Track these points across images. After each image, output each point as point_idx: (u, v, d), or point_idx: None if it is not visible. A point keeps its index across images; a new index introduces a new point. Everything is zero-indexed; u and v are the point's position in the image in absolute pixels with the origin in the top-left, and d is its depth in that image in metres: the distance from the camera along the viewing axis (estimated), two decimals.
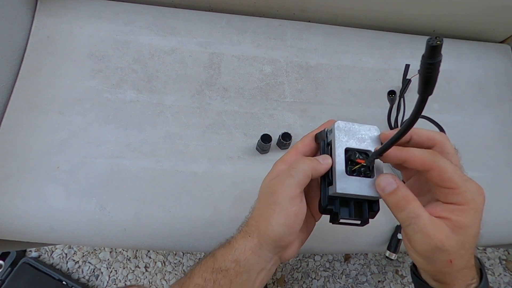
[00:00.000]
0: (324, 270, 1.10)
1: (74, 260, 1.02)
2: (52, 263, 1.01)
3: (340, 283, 1.08)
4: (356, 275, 1.10)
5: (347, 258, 1.12)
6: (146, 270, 1.03)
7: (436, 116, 0.59)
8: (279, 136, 0.55)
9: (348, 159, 0.33)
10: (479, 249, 1.17)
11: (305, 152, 0.36)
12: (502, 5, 0.64)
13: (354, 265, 1.11)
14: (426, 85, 0.22)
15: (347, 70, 0.65)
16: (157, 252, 1.05)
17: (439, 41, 0.20)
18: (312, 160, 0.33)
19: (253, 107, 0.59)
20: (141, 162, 0.53)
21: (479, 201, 0.28)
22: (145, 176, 0.52)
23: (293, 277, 1.08)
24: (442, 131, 0.53)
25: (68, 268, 1.01)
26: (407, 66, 0.63)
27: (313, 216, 0.38)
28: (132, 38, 0.60)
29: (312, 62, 0.64)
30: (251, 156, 0.56)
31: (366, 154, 0.33)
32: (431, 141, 0.31)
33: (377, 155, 0.31)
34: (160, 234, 0.51)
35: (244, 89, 0.60)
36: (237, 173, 0.54)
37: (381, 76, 0.65)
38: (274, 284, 1.07)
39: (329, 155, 0.33)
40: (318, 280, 1.08)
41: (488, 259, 1.16)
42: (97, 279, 1.01)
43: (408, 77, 0.62)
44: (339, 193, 0.31)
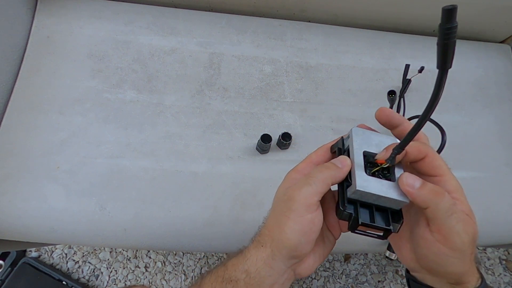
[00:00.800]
0: (324, 270, 1.10)
1: (74, 260, 1.02)
2: (52, 263, 1.01)
3: (340, 283, 1.08)
4: (356, 275, 1.10)
5: (347, 258, 1.12)
6: (146, 270, 1.03)
7: (436, 116, 0.59)
8: (279, 136, 0.55)
9: (367, 162, 0.31)
10: (479, 249, 1.17)
11: (319, 163, 0.35)
12: (502, 5, 0.64)
13: (354, 265, 1.11)
14: (445, 55, 0.22)
15: (347, 70, 0.65)
16: (157, 252, 1.05)
17: (454, 5, 0.21)
18: (330, 168, 0.31)
19: (253, 107, 0.59)
20: (141, 162, 0.53)
21: (462, 189, 0.30)
22: (145, 176, 0.52)
23: None
24: (442, 132, 0.53)
25: (68, 268, 1.01)
26: (407, 66, 0.63)
27: (330, 231, 0.36)
28: (132, 38, 0.60)
29: (312, 62, 0.64)
30: (251, 156, 0.56)
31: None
32: (422, 153, 0.30)
33: (399, 149, 0.29)
34: (160, 234, 0.51)
35: (244, 89, 0.60)
36: (237, 173, 0.54)
37: (381, 76, 0.65)
38: None
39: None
40: (318, 280, 1.08)
41: (488, 259, 1.16)
42: (97, 279, 1.01)
43: (408, 77, 0.62)
44: (360, 192, 0.29)
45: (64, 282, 0.96)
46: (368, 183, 0.30)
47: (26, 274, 0.94)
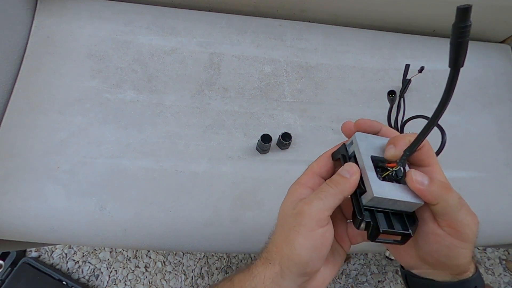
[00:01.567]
0: None
1: (74, 260, 1.02)
2: (52, 263, 1.01)
3: (340, 283, 1.08)
4: (356, 275, 1.10)
5: (347, 258, 1.12)
6: (146, 270, 1.03)
7: None
8: (279, 136, 0.55)
9: (376, 167, 0.30)
10: (479, 249, 1.17)
11: (321, 173, 0.33)
12: (502, 5, 0.64)
13: (354, 265, 1.11)
14: (458, 54, 0.22)
15: (347, 70, 0.65)
16: (157, 252, 1.05)
17: (469, 5, 0.22)
18: (339, 182, 0.29)
19: (253, 107, 0.59)
20: (141, 162, 0.53)
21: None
22: (145, 176, 0.52)
23: None
24: (442, 132, 0.53)
25: (68, 268, 1.01)
26: (407, 66, 0.63)
27: (340, 244, 0.34)
28: (132, 38, 0.60)
29: (312, 62, 0.64)
30: (251, 156, 0.56)
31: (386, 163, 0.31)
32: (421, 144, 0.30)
33: (411, 151, 0.28)
34: (160, 234, 0.51)
35: (244, 89, 0.60)
36: (237, 173, 0.54)
37: (381, 76, 0.65)
38: None
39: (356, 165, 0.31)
40: None
41: (488, 259, 1.16)
42: (97, 279, 1.01)
43: (408, 77, 0.62)
44: (377, 198, 0.28)
45: (64, 282, 0.96)
46: (383, 189, 0.29)
47: (26, 274, 0.94)
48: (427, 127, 0.26)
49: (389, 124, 0.60)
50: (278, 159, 0.56)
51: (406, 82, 0.62)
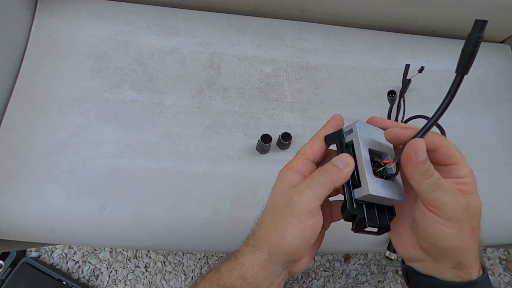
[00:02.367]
0: (324, 270, 1.10)
1: (74, 260, 1.02)
2: (52, 263, 1.01)
3: (340, 283, 1.08)
4: (356, 275, 1.10)
5: (347, 258, 1.12)
6: (146, 270, 1.03)
7: None
8: (279, 136, 0.55)
9: (371, 161, 0.30)
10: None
11: (315, 158, 0.33)
12: (502, 5, 0.64)
13: (354, 265, 1.11)
14: (468, 61, 0.25)
15: (347, 70, 0.65)
16: (157, 252, 1.05)
17: (486, 20, 0.25)
18: (332, 171, 0.30)
19: (253, 107, 0.59)
20: (141, 162, 0.53)
21: (474, 175, 0.31)
22: (145, 176, 0.52)
23: (293, 277, 1.08)
24: (442, 131, 0.53)
25: (68, 268, 1.01)
26: (407, 66, 0.63)
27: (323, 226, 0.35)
28: (132, 38, 0.60)
29: (312, 62, 0.64)
30: (251, 156, 0.56)
31: (382, 158, 0.31)
32: (436, 144, 0.30)
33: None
34: (160, 234, 0.51)
35: (244, 89, 0.60)
36: (237, 173, 0.54)
37: (381, 76, 0.65)
38: None
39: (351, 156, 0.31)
40: (318, 280, 1.08)
41: (488, 259, 1.16)
42: (97, 279, 1.01)
43: (408, 77, 0.62)
44: (371, 196, 0.29)
45: (64, 282, 0.96)
46: (377, 186, 0.29)
47: (26, 274, 0.94)
48: (431, 124, 0.28)
49: None
50: (278, 159, 0.56)
51: (406, 82, 0.62)
